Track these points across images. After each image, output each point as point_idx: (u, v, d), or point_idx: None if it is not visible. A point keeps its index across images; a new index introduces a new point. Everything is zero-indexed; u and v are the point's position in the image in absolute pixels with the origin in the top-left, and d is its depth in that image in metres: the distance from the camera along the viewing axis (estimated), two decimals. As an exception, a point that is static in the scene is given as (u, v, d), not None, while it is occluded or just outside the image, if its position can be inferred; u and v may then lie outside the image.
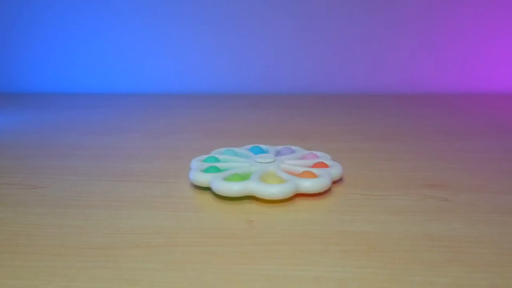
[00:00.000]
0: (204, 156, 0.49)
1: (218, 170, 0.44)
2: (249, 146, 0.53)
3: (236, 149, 0.52)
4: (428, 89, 1.19)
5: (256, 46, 1.20)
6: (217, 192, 0.40)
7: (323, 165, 0.45)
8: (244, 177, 0.41)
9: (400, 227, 0.34)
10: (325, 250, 0.30)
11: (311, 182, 0.39)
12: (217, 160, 0.48)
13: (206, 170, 0.44)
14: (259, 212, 0.37)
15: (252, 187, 0.39)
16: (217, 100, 1.07)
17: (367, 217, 0.36)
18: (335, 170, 0.43)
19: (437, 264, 0.28)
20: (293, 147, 0.53)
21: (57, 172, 0.49)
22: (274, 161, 0.46)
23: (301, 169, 0.43)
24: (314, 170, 0.43)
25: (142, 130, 0.72)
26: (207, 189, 0.43)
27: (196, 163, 0.47)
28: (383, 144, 0.61)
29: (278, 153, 0.52)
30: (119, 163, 0.53)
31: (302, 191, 0.40)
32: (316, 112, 0.89)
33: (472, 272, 0.27)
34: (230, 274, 0.27)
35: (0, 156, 0.57)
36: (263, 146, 0.54)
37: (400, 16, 1.15)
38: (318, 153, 0.50)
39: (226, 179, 0.41)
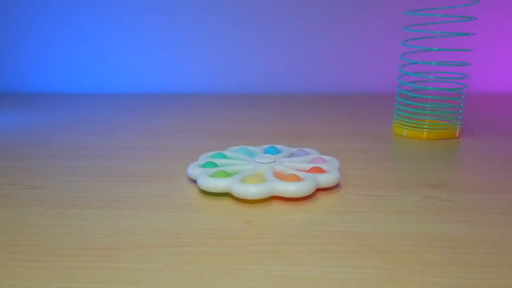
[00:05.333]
0: (212, 153, 0.50)
1: (214, 166, 0.45)
2: (265, 146, 0.54)
3: (250, 148, 0.52)
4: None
5: (257, 47, 1.20)
6: (200, 187, 0.41)
7: (318, 170, 0.44)
8: (229, 175, 0.42)
9: (400, 227, 0.34)
10: (325, 250, 0.30)
11: (291, 185, 0.39)
12: (224, 157, 0.48)
13: (203, 165, 0.45)
14: (259, 212, 0.37)
15: (230, 185, 0.39)
16: (217, 100, 1.07)
17: (367, 217, 0.36)
18: (327, 177, 0.42)
19: (437, 264, 0.28)
20: (307, 149, 0.52)
21: (57, 172, 0.49)
22: (274, 161, 0.46)
23: (290, 172, 0.43)
24: (300, 174, 0.42)
25: (142, 130, 0.72)
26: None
27: (202, 158, 0.48)
28: (383, 144, 0.61)
29: (291, 155, 0.51)
30: (119, 163, 0.53)
31: (278, 194, 0.39)
32: (316, 112, 0.89)
33: (472, 272, 0.27)
34: (230, 274, 0.27)
35: (0, 156, 0.56)
36: (279, 147, 0.53)
37: (398, 17, 1.15)
38: (326, 157, 0.49)
39: (212, 175, 0.41)
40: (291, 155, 0.51)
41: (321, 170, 0.43)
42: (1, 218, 0.36)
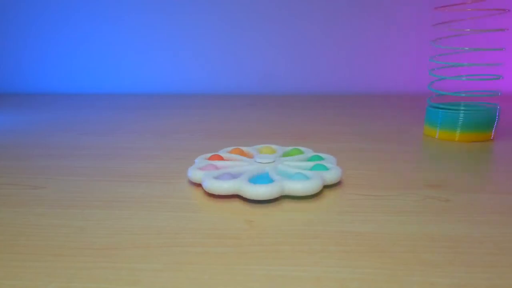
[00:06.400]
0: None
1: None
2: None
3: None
4: (426, 89, 1.19)
5: (257, 47, 1.20)
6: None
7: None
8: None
9: (400, 227, 0.34)
10: (325, 250, 0.30)
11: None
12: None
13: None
14: (259, 212, 0.37)
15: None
16: (217, 100, 1.07)
17: (367, 217, 0.36)
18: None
19: (437, 264, 0.28)
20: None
21: (57, 172, 0.49)
22: (274, 161, 0.46)
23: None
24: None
25: (142, 130, 0.72)
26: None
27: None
28: (383, 144, 0.61)
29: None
30: (119, 163, 0.53)
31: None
32: (316, 112, 0.89)
33: (472, 272, 0.27)
34: (230, 274, 0.27)
35: (0, 156, 0.56)
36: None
37: (399, 18, 1.15)
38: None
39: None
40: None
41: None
42: (1, 218, 0.36)
